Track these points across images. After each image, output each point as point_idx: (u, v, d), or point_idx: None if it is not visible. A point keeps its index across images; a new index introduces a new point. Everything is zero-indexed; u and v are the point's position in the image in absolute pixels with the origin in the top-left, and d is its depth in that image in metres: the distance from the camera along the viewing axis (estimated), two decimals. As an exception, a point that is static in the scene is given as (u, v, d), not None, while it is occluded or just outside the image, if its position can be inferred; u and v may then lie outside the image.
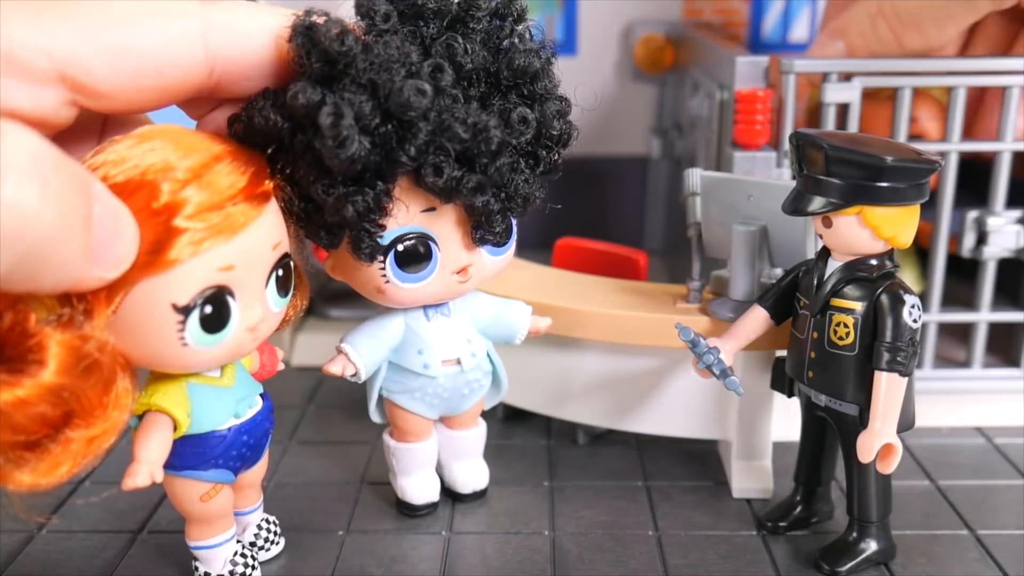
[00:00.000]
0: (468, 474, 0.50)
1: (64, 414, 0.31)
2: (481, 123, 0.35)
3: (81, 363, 0.31)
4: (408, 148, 0.34)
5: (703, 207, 0.50)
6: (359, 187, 0.35)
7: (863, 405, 0.42)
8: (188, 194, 0.32)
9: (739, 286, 0.49)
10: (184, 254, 0.32)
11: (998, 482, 0.52)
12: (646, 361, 0.53)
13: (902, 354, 0.40)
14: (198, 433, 0.39)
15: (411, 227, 0.39)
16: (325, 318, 0.75)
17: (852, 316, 0.41)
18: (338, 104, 0.33)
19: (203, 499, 0.40)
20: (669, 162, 0.86)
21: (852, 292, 0.42)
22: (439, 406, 0.47)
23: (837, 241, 0.41)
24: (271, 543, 0.46)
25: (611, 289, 0.54)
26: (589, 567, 0.45)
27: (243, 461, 0.41)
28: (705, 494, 0.52)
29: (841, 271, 0.42)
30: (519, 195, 0.39)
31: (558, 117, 0.39)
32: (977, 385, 0.60)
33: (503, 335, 0.48)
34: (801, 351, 0.44)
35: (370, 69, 0.33)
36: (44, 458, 0.32)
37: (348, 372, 0.44)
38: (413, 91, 0.33)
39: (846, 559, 0.44)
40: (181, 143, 0.33)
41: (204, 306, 0.34)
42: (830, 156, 0.40)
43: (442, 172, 0.36)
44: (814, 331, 0.43)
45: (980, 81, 0.55)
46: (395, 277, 0.40)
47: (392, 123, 0.34)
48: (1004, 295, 0.63)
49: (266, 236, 0.35)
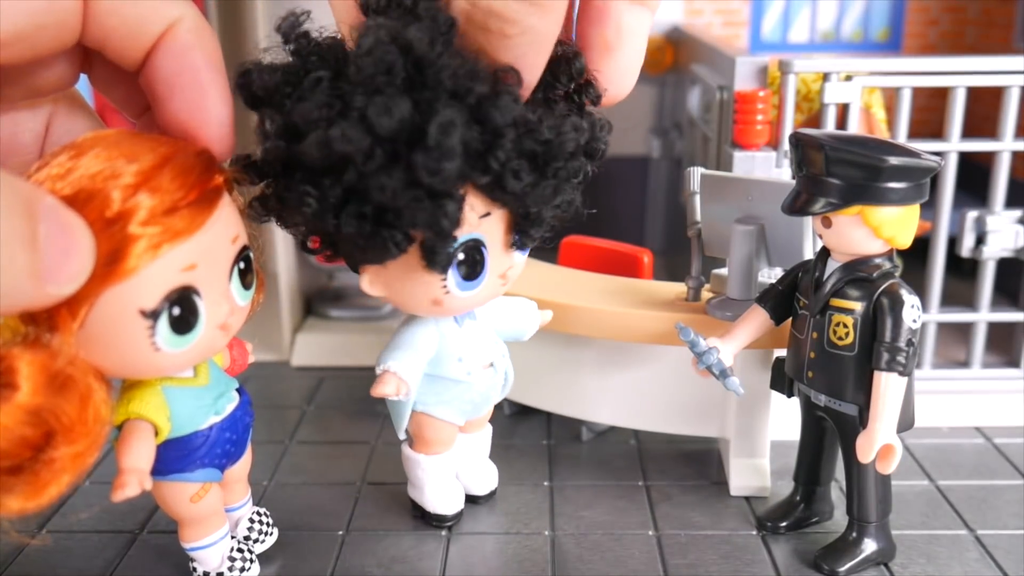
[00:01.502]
0: (483, 475, 0.50)
1: (45, 434, 0.31)
2: (557, 126, 0.35)
3: (54, 381, 0.31)
4: (498, 154, 0.34)
5: (703, 206, 0.51)
6: (444, 198, 0.34)
7: (862, 405, 0.42)
8: (139, 199, 0.31)
9: (738, 285, 0.49)
10: (143, 260, 0.32)
11: (998, 482, 0.52)
12: (648, 359, 0.53)
13: (902, 354, 0.40)
14: (180, 435, 0.38)
15: (473, 234, 0.38)
16: (325, 318, 0.75)
17: (852, 316, 0.41)
18: (450, 118, 0.32)
19: (193, 500, 0.40)
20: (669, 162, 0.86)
21: (852, 292, 0.42)
22: (470, 412, 0.47)
23: (837, 241, 0.41)
24: (265, 535, 0.46)
25: (615, 287, 0.54)
26: (589, 567, 0.45)
27: (228, 457, 0.41)
28: (705, 493, 0.52)
29: (841, 271, 0.42)
30: (564, 201, 0.39)
31: (603, 128, 0.39)
32: (977, 385, 0.60)
33: (514, 333, 0.48)
34: (801, 351, 0.44)
35: (458, 76, 0.32)
36: (31, 481, 0.31)
37: (402, 392, 0.42)
38: (508, 97, 0.33)
39: (845, 559, 0.44)
40: (125, 147, 0.33)
41: (172, 308, 0.33)
42: (830, 156, 0.40)
43: (521, 177, 0.35)
44: (814, 331, 0.43)
45: (980, 81, 0.55)
46: (455, 287, 0.40)
47: (477, 130, 0.33)
48: (1004, 295, 0.63)
49: (224, 231, 0.35)
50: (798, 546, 0.46)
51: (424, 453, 0.47)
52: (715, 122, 0.61)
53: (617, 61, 0.36)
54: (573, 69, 0.36)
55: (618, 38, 0.36)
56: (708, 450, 0.56)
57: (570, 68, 0.36)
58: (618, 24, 0.35)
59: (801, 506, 0.48)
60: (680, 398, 0.53)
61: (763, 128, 0.55)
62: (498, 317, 0.47)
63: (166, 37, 0.33)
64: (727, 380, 0.45)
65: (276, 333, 0.70)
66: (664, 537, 0.47)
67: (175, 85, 0.34)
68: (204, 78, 0.34)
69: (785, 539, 0.47)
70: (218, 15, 0.71)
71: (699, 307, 0.51)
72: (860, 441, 0.41)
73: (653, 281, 0.57)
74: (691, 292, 0.52)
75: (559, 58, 0.36)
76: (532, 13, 0.31)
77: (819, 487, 0.48)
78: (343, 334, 0.71)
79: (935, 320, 0.59)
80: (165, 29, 0.33)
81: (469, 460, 0.50)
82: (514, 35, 0.32)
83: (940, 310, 0.59)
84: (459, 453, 0.49)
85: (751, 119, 0.55)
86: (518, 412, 0.60)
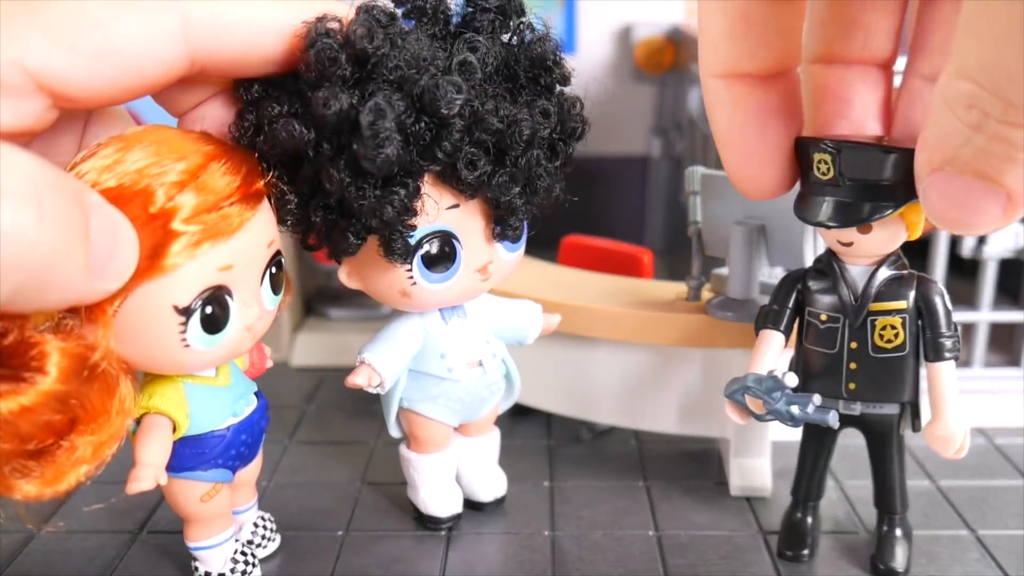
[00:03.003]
0: (488, 481, 0.49)
1: (70, 421, 0.31)
2: (512, 115, 0.35)
3: (83, 369, 0.31)
4: (444, 144, 0.34)
5: (703, 206, 0.51)
6: (392, 187, 0.35)
7: (911, 401, 0.42)
8: (184, 197, 0.32)
9: (738, 285, 0.49)
10: (183, 257, 0.32)
11: (998, 482, 0.52)
12: (648, 358, 0.53)
13: (953, 340, 0.41)
14: (197, 434, 0.39)
15: (437, 225, 0.38)
16: (325, 318, 0.75)
17: (900, 316, 0.41)
18: (379, 104, 0.32)
19: (203, 499, 0.40)
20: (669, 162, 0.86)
21: (893, 292, 0.41)
22: (460, 412, 0.46)
23: (871, 246, 0.40)
24: (268, 540, 0.46)
25: (615, 287, 0.54)
26: (589, 567, 0.45)
27: (241, 460, 0.41)
28: (705, 494, 0.51)
29: (875, 275, 0.41)
30: (541, 188, 0.39)
31: (574, 106, 0.39)
32: (977, 385, 0.60)
33: (516, 336, 0.47)
34: (831, 366, 0.42)
35: (400, 67, 0.33)
36: (50, 466, 0.31)
37: (373, 383, 0.43)
38: (451, 87, 0.33)
39: (904, 551, 0.44)
40: (172, 145, 0.33)
41: (205, 307, 0.34)
42: (889, 160, 0.35)
43: (476, 166, 0.36)
44: (852, 341, 0.41)
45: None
46: (422, 278, 0.40)
47: (425, 120, 0.34)
48: (1005, 295, 0.63)
49: (261, 235, 0.35)
50: (798, 546, 0.46)
51: (418, 452, 0.47)
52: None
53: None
54: (532, 55, 0.37)
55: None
56: (708, 450, 0.56)
57: (529, 54, 0.37)
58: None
59: (808, 524, 0.46)
60: (680, 398, 0.53)
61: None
62: (496, 318, 0.46)
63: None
64: (828, 415, 0.39)
65: (276, 333, 0.70)
66: (664, 537, 0.47)
67: None
68: None
69: (785, 539, 0.47)
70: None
71: (699, 307, 0.51)
72: (937, 437, 0.40)
73: (653, 281, 0.57)
74: (691, 292, 0.52)
75: (516, 46, 0.37)
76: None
77: (820, 501, 0.46)
78: (342, 334, 0.71)
79: (936, 320, 0.59)
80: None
81: (472, 465, 0.49)
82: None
83: (941, 310, 0.59)
84: (459, 456, 0.49)
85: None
86: (517, 412, 0.60)
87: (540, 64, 0.37)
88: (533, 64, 0.37)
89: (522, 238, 0.42)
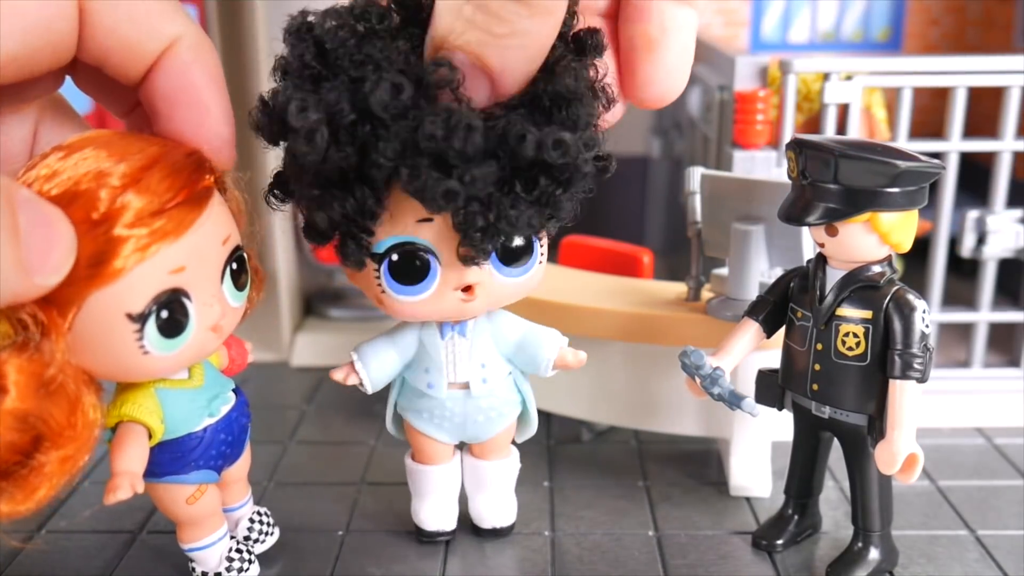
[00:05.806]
0: (489, 508, 0.47)
1: (33, 439, 0.31)
2: (459, 122, 0.31)
3: (43, 386, 0.31)
4: (384, 149, 0.32)
5: (703, 206, 0.51)
6: (343, 190, 0.34)
7: (874, 414, 0.41)
8: (127, 200, 0.31)
9: (738, 285, 0.49)
10: (130, 262, 0.31)
11: (998, 482, 0.52)
12: (648, 358, 0.53)
13: (918, 360, 0.39)
14: (174, 438, 0.38)
15: (405, 237, 0.37)
16: (325, 318, 0.75)
17: (862, 325, 0.40)
18: (305, 98, 0.32)
19: (189, 502, 0.40)
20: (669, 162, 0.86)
21: (860, 301, 0.40)
22: (452, 431, 0.44)
23: (842, 250, 0.40)
24: (265, 535, 0.46)
25: (615, 287, 0.54)
26: (589, 567, 0.45)
27: (224, 459, 0.41)
28: (705, 494, 0.51)
29: (845, 280, 0.41)
30: (505, 217, 0.34)
31: (559, 147, 0.32)
32: (977, 385, 0.60)
33: (526, 364, 0.44)
34: (801, 364, 0.43)
35: (354, 66, 0.32)
36: (21, 485, 0.31)
37: (351, 381, 0.43)
38: (388, 88, 0.31)
39: (856, 570, 0.43)
40: (114, 148, 0.32)
41: (160, 311, 0.33)
42: (841, 164, 0.38)
43: (418, 175, 0.32)
44: (818, 342, 0.42)
45: (981, 81, 0.55)
46: (389, 288, 0.38)
47: (370, 123, 0.32)
48: (1005, 295, 0.63)
49: (214, 232, 0.35)
50: (797, 546, 0.46)
51: (415, 462, 0.46)
52: (715, 122, 0.61)
53: (662, 59, 0.34)
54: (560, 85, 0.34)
55: (662, 34, 0.34)
56: (708, 450, 0.56)
57: (556, 82, 0.34)
58: (661, 19, 0.34)
59: (795, 520, 0.46)
60: (680, 398, 0.53)
61: (763, 128, 0.55)
62: (509, 342, 0.43)
63: (166, 56, 0.33)
64: (743, 403, 0.42)
65: (276, 333, 0.70)
66: (664, 537, 0.47)
67: (176, 103, 0.34)
68: (205, 97, 0.34)
69: (785, 539, 0.47)
70: (219, 21, 0.71)
71: (699, 307, 0.51)
72: (881, 453, 0.40)
73: (653, 281, 0.57)
74: (691, 292, 0.52)
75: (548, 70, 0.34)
76: (526, 16, 0.29)
77: (811, 499, 0.47)
78: (343, 334, 0.71)
79: (936, 320, 0.59)
80: (165, 48, 0.33)
81: (477, 488, 0.47)
82: (502, 36, 0.30)
83: (941, 310, 0.59)
84: (464, 476, 0.47)
85: (751, 119, 0.55)
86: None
87: (560, 98, 0.33)
88: (552, 96, 0.33)
89: (528, 266, 0.39)
